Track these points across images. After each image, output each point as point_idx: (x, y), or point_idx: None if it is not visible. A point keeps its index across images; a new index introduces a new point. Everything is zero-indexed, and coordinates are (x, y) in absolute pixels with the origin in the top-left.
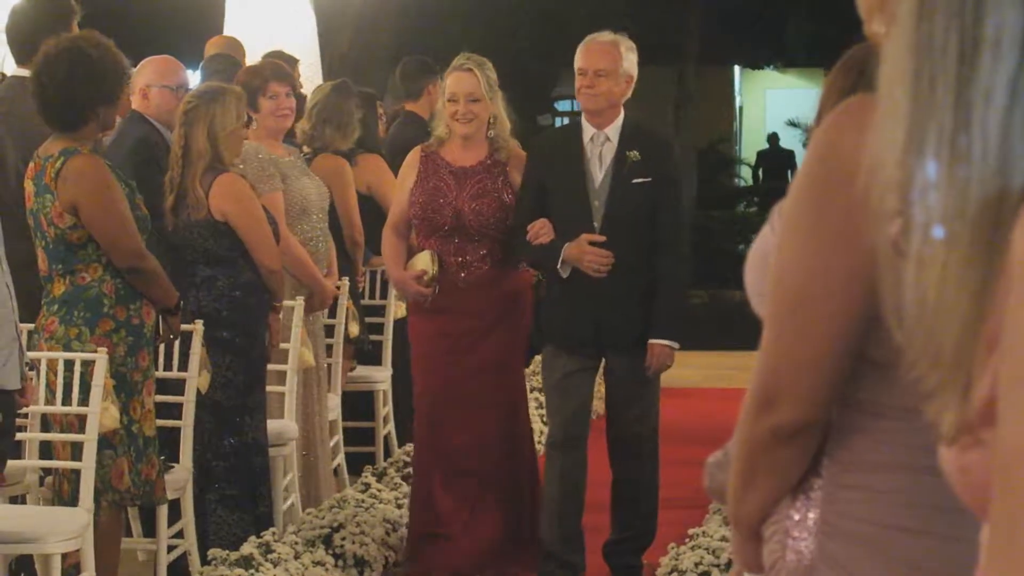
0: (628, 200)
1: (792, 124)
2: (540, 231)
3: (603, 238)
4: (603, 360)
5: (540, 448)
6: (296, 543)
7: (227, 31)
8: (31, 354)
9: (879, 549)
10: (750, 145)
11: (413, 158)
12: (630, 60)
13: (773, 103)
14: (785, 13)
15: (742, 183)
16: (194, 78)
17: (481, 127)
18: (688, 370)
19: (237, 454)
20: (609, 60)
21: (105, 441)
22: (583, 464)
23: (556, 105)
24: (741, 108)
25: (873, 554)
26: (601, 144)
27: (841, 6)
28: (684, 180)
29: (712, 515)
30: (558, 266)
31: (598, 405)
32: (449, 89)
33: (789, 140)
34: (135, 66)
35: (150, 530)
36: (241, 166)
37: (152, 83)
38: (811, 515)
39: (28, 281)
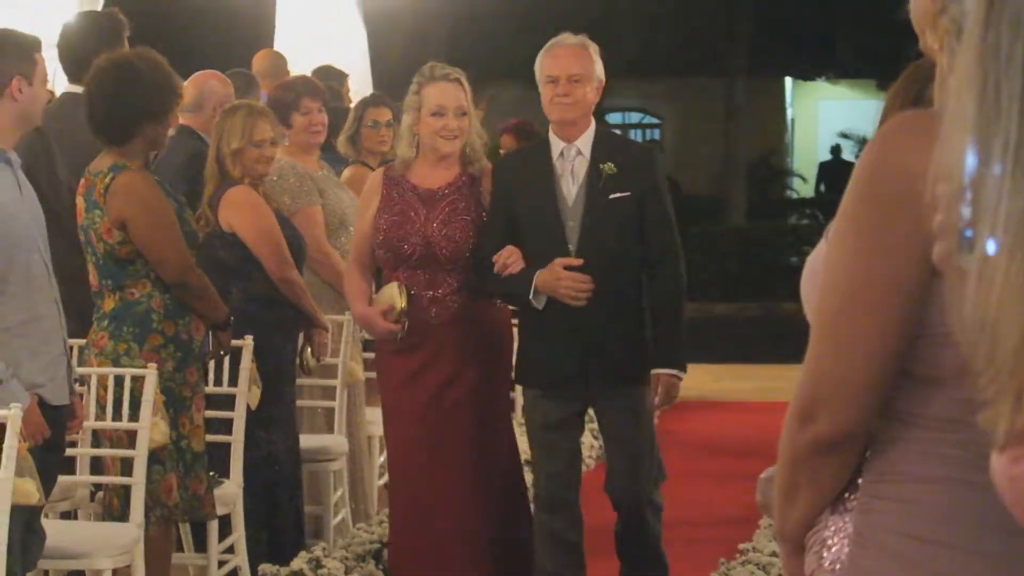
0: (606, 218)
1: (845, 136)
2: (507, 260)
3: (579, 261)
4: (590, 404)
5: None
6: (346, 558)
7: (278, 46)
8: (81, 370)
9: (910, 562)
10: (802, 157)
11: (375, 181)
12: (599, 63)
13: (825, 115)
14: (837, 24)
15: (794, 195)
16: None
17: (462, 145)
18: (741, 383)
19: (249, 468)
20: (582, 64)
21: (154, 456)
22: (578, 523)
23: (607, 117)
24: (793, 120)
25: (904, 567)
26: (572, 159)
27: (894, 17)
28: (734, 192)
29: (762, 530)
30: (531, 297)
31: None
32: (434, 101)
33: (845, 152)
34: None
35: (201, 545)
36: (275, 179)
37: (226, 100)
38: (846, 526)
39: (81, 297)
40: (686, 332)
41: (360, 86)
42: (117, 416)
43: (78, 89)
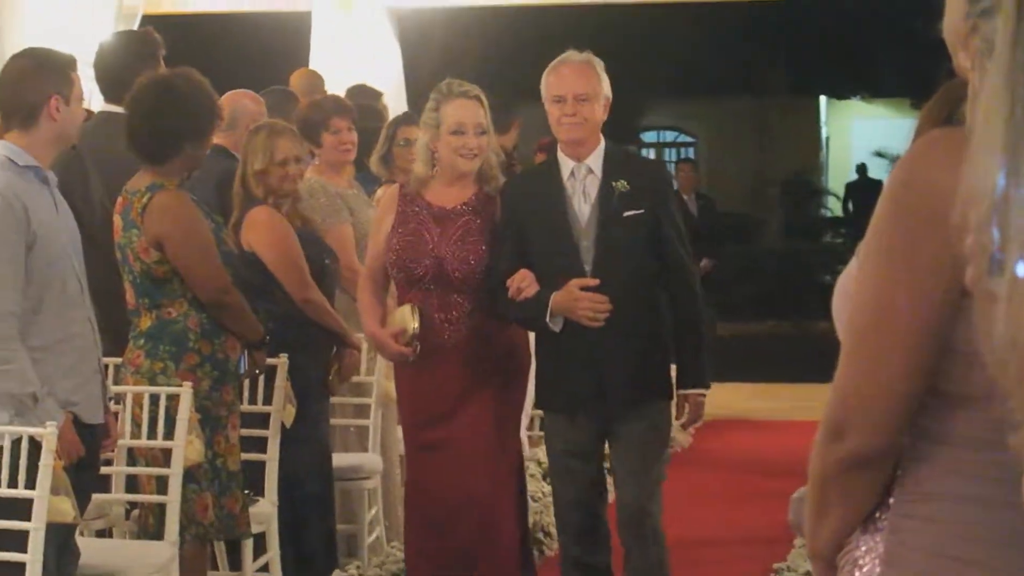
0: (621, 237)
1: (879, 155)
2: (521, 284)
3: (596, 282)
4: (608, 426)
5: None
6: None
7: (312, 64)
8: (116, 388)
9: None
10: (837, 176)
11: (390, 198)
12: (606, 79)
13: (860, 133)
14: (872, 43)
15: (829, 214)
16: None
17: (481, 163)
18: (775, 402)
19: None
20: (588, 82)
21: (189, 475)
22: (604, 548)
23: (642, 136)
24: (827, 138)
25: None
26: (583, 178)
27: (929, 36)
28: (768, 211)
29: (797, 549)
30: (547, 320)
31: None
32: (453, 119)
33: (877, 170)
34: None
35: (236, 563)
36: (307, 198)
37: (258, 118)
38: (877, 545)
39: (116, 315)
40: (708, 349)
41: (395, 104)
42: (152, 435)
43: (114, 108)
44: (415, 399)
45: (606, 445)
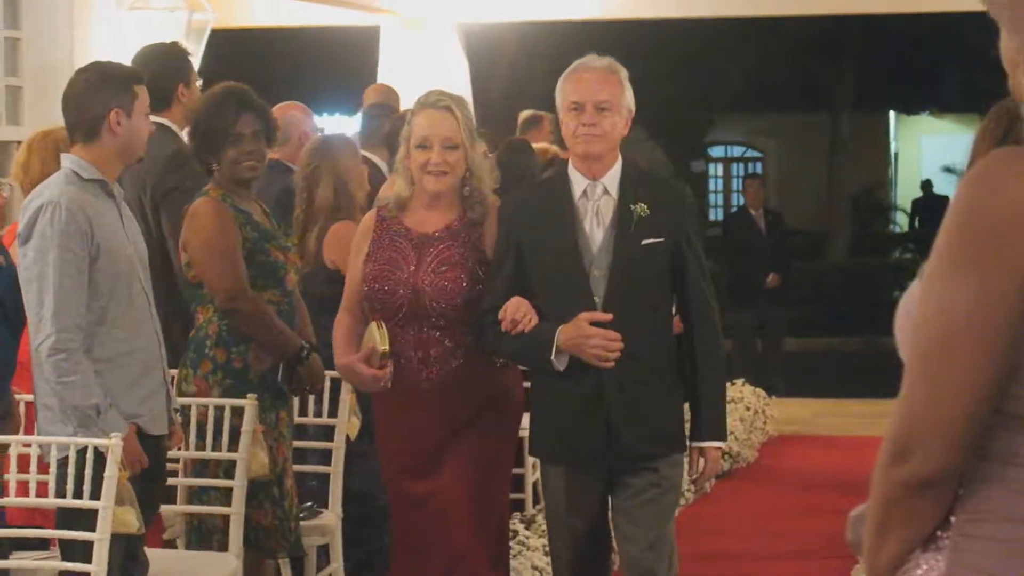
0: (638, 267)
1: (948, 170)
2: (516, 314)
3: (608, 317)
4: (612, 479)
5: None
6: None
7: (380, 79)
8: (181, 400)
9: None
10: (906, 191)
11: (367, 223)
12: (629, 90)
13: (929, 149)
14: (941, 58)
15: (897, 229)
16: (353, 124)
17: (455, 183)
18: (842, 418)
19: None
20: (611, 90)
21: (249, 487)
22: None
23: (710, 151)
24: (896, 154)
25: None
26: (598, 198)
27: (997, 52)
28: (837, 226)
29: (861, 566)
30: (552, 357)
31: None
32: (418, 132)
33: (946, 186)
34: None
35: (300, 574)
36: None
37: (310, 129)
38: (939, 564)
39: (175, 328)
40: (725, 398)
41: None
42: (216, 447)
43: (156, 120)
44: (391, 446)
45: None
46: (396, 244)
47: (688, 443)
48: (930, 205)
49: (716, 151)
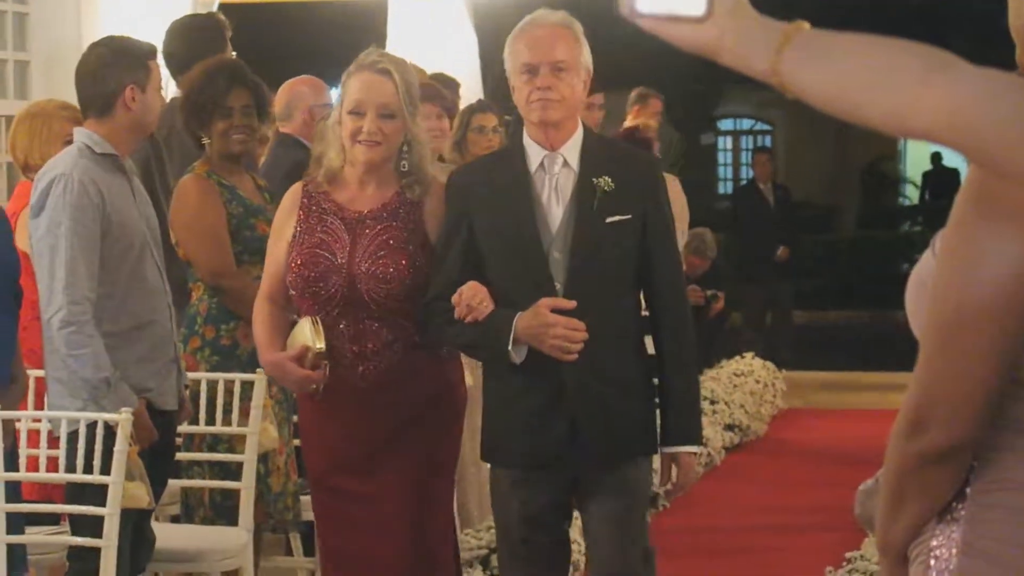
0: (602, 247)
1: None
2: (473, 300)
3: (572, 304)
4: (575, 485)
5: None
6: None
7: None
8: (192, 375)
9: (1020, 571)
10: (915, 164)
11: (292, 198)
12: (587, 47)
13: None
14: (949, 29)
15: (907, 202)
16: None
17: (391, 155)
18: (851, 392)
19: None
20: (567, 48)
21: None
22: None
23: (719, 124)
24: None
25: None
26: (557, 171)
27: (1004, 27)
28: (846, 199)
29: (871, 538)
30: (509, 347)
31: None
32: (352, 96)
33: (956, 159)
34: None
35: (310, 549)
36: None
37: (317, 104)
38: (954, 535)
39: (183, 302)
40: (699, 397)
41: (471, 94)
42: (227, 421)
43: None
44: (321, 445)
45: (572, 511)
46: (327, 224)
47: (659, 447)
48: (940, 178)
49: (725, 124)
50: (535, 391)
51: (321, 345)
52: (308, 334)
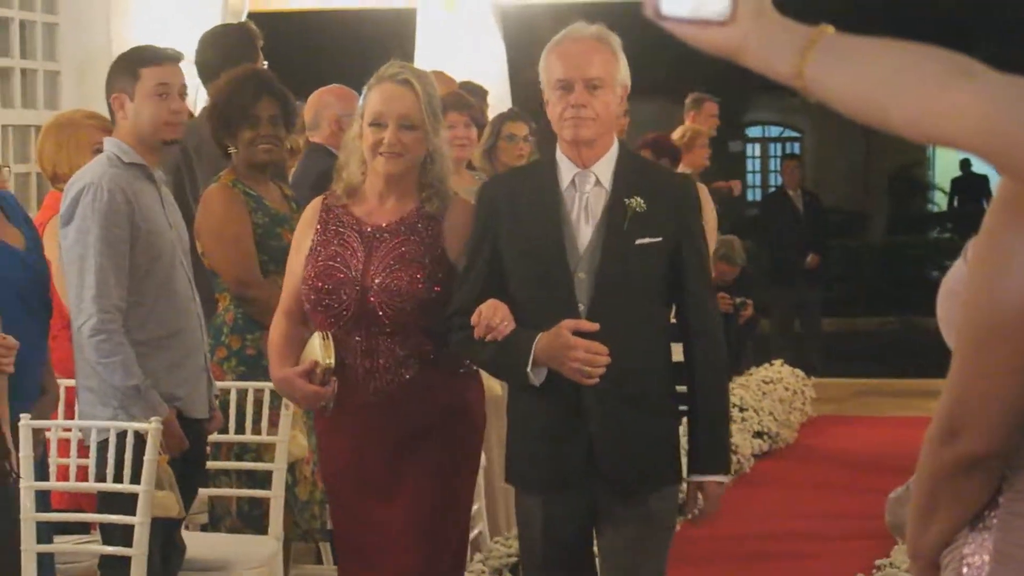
0: (631, 270)
1: None
2: (493, 319)
3: (594, 326)
4: (595, 513)
5: None
6: (483, 572)
7: (417, 62)
8: (221, 384)
9: None
10: (944, 170)
11: (311, 212)
12: (623, 61)
13: None
14: (976, 33)
15: (935, 209)
16: None
17: (412, 168)
18: (880, 399)
19: None
20: (603, 64)
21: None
22: None
23: (748, 131)
24: None
25: None
26: (588, 190)
27: None
28: (875, 206)
29: (900, 545)
30: (528, 369)
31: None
32: (373, 108)
33: (982, 164)
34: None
35: None
36: None
37: (344, 113)
38: (986, 542)
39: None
40: (729, 422)
41: (499, 102)
42: (257, 430)
43: None
44: (335, 463)
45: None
46: (343, 237)
47: (685, 475)
48: (968, 184)
49: (754, 131)
50: (554, 415)
51: (330, 360)
52: (318, 349)
